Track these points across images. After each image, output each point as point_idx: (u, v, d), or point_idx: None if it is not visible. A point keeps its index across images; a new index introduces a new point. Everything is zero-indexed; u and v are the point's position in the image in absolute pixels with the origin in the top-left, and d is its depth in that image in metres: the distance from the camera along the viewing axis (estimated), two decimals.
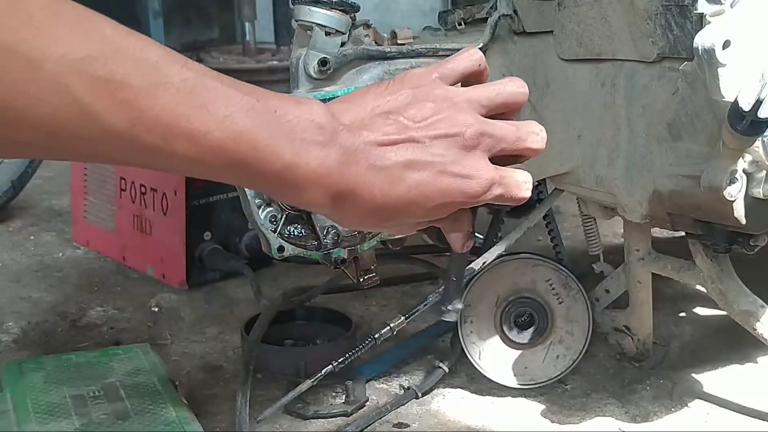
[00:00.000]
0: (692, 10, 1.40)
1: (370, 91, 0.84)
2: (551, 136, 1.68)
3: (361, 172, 0.77)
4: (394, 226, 0.85)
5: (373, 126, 0.79)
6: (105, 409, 1.59)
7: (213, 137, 0.70)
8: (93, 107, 0.65)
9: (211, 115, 0.70)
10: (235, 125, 0.71)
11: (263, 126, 0.73)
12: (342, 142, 0.77)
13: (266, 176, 0.74)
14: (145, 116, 0.67)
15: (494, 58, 1.60)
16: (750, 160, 1.39)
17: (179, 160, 0.70)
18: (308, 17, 1.44)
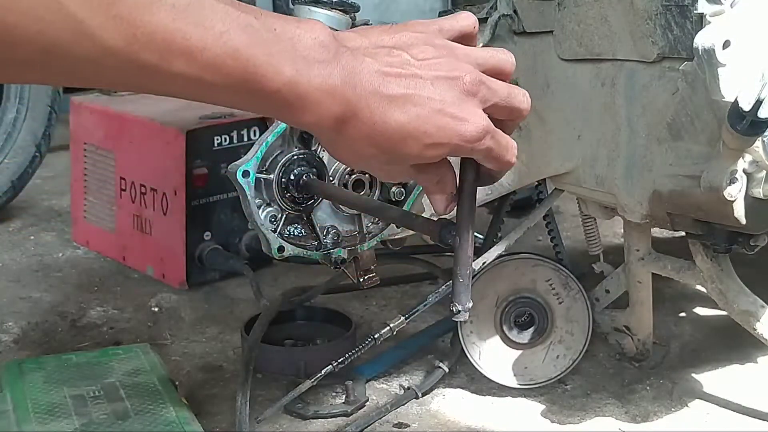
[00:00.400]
0: (692, 10, 1.40)
1: (374, 28, 0.85)
2: (551, 136, 1.69)
3: (364, 94, 0.76)
4: (387, 164, 0.84)
5: (378, 56, 0.79)
6: (105, 409, 1.59)
7: (210, 53, 0.69)
8: (87, 23, 0.63)
9: (207, 31, 0.68)
10: (232, 41, 0.70)
11: (262, 42, 0.72)
12: (345, 63, 0.76)
13: (267, 95, 0.73)
14: (141, 33, 0.65)
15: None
16: (750, 160, 1.39)
17: (178, 80, 0.69)
18: (308, 17, 1.44)
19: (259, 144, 1.36)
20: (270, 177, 1.37)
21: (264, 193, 1.37)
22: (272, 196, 1.38)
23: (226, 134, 2.32)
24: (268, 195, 1.38)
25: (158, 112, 2.43)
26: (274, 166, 1.37)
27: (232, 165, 1.35)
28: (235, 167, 1.34)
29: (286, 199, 1.39)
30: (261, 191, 1.37)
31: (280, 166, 1.37)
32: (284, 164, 1.38)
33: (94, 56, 0.65)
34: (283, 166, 1.37)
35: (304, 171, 1.39)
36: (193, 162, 2.29)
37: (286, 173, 1.38)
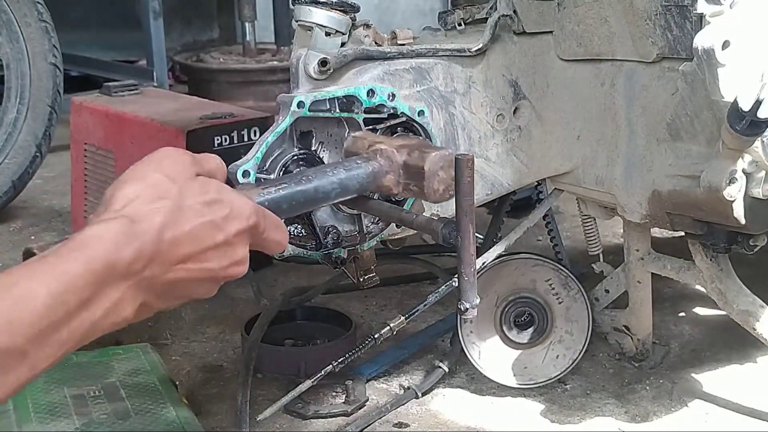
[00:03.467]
0: (692, 11, 1.40)
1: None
2: (551, 135, 1.69)
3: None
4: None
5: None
6: (105, 408, 1.59)
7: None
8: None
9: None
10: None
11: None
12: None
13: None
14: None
15: (494, 58, 1.60)
16: (749, 160, 1.39)
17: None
18: (308, 17, 1.44)
19: (259, 144, 1.36)
20: (270, 177, 1.37)
21: None
22: None
23: (226, 134, 2.32)
24: None
25: (158, 112, 2.43)
26: (275, 166, 1.37)
27: (233, 165, 1.35)
28: (236, 167, 1.34)
29: None
30: None
31: (281, 166, 1.37)
32: (284, 164, 1.38)
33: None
34: (283, 166, 1.38)
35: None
36: None
37: (287, 173, 1.38)
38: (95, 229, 0.89)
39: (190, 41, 4.94)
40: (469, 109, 1.58)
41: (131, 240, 0.89)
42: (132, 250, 0.89)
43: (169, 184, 0.96)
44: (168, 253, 0.93)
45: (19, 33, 2.84)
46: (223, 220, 0.98)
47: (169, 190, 0.95)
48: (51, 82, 2.90)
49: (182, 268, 0.94)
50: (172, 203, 0.94)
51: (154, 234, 0.91)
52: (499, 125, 1.62)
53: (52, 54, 2.90)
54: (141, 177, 0.96)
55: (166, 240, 0.92)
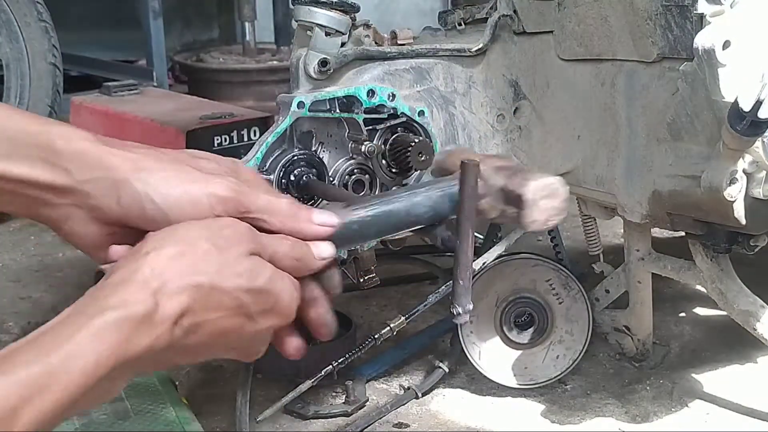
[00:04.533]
0: (692, 11, 1.40)
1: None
2: (551, 135, 1.69)
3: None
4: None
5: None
6: (105, 409, 1.59)
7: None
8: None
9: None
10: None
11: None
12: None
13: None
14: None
15: (495, 58, 1.60)
16: (750, 160, 1.39)
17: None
18: (308, 17, 1.44)
19: (259, 144, 1.36)
20: (270, 177, 1.37)
21: None
22: None
23: (226, 134, 2.32)
24: None
25: (158, 112, 2.43)
26: (275, 166, 1.37)
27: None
28: None
29: None
30: None
31: (281, 166, 1.37)
32: (284, 165, 1.38)
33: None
34: (284, 166, 1.38)
35: (305, 171, 1.39)
36: None
37: (287, 174, 1.38)
38: (113, 316, 0.79)
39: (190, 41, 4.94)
40: (469, 109, 1.58)
41: (149, 330, 0.80)
42: (146, 343, 0.80)
43: (214, 255, 0.84)
44: (184, 340, 0.83)
45: (19, 33, 2.85)
46: (261, 313, 0.88)
47: (210, 264, 0.84)
48: (51, 82, 2.90)
49: (190, 353, 0.86)
50: (208, 282, 0.83)
51: (173, 320, 0.82)
52: (500, 125, 1.62)
53: (52, 54, 2.90)
54: (184, 237, 0.85)
55: (186, 325, 0.83)
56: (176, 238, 0.85)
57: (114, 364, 0.78)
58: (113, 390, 0.82)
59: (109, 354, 0.78)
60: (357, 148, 1.42)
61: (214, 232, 0.86)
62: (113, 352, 0.78)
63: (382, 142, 1.45)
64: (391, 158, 1.44)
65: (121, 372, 0.80)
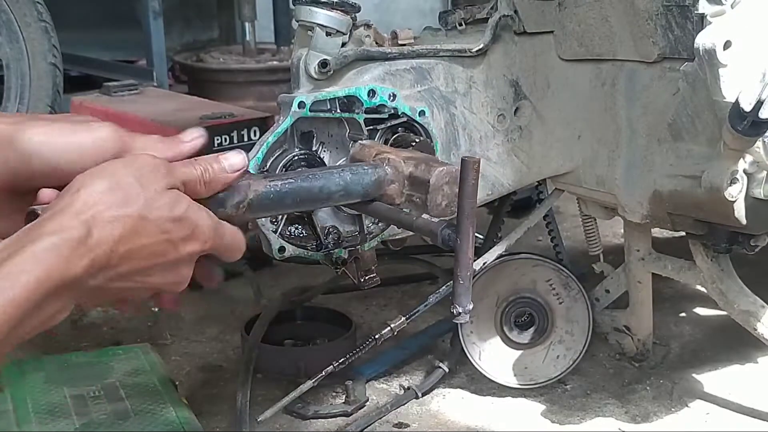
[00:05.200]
0: (693, 11, 1.40)
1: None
2: (551, 135, 1.69)
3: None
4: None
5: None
6: (105, 409, 1.59)
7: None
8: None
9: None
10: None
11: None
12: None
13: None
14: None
15: (495, 58, 1.60)
16: (751, 160, 1.39)
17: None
18: (309, 18, 1.44)
19: (259, 144, 1.36)
20: None
21: None
22: None
23: (226, 134, 2.32)
24: None
25: (158, 112, 2.43)
26: (276, 166, 1.37)
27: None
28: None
29: None
30: None
31: (281, 166, 1.37)
32: (285, 165, 1.37)
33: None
34: (284, 166, 1.37)
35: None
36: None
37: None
38: (51, 240, 0.86)
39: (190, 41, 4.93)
40: (470, 109, 1.58)
41: (85, 253, 0.88)
42: (84, 264, 0.88)
43: (138, 189, 0.94)
44: (117, 266, 0.92)
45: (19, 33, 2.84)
46: (182, 240, 0.97)
47: (137, 197, 0.93)
48: (51, 82, 2.90)
49: (126, 279, 0.94)
50: (136, 213, 0.93)
51: (108, 246, 0.90)
52: (500, 125, 1.62)
53: (52, 54, 2.90)
54: (111, 175, 0.94)
55: (119, 253, 0.91)
56: (103, 175, 0.94)
57: (55, 283, 0.86)
58: (57, 314, 0.89)
59: (49, 272, 0.85)
60: None
61: (136, 169, 0.96)
62: (53, 271, 0.85)
63: (382, 142, 1.45)
64: None
65: (62, 295, 0.87)
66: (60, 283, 0.86)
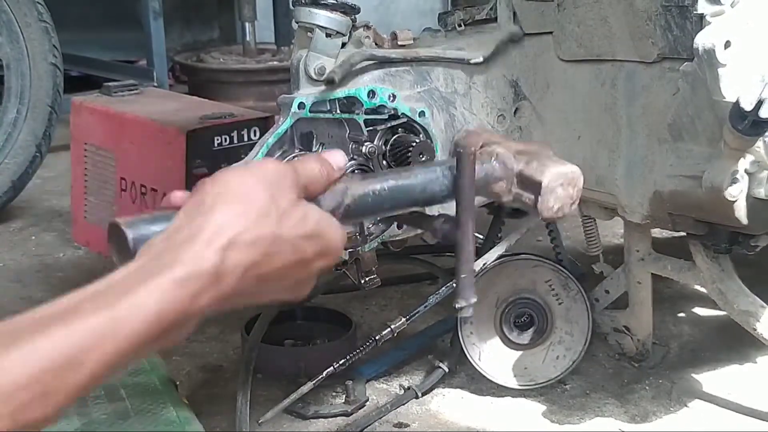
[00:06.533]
0: (692, 11, 1.40)
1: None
2: (551, 136, 1.69)
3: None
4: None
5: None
6: (105, 409, 1.59)
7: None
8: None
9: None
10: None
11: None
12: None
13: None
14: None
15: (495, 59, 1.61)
16: (751, 160, 1.39)
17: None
18: (309, 19, 1.44)
19: (260, 145, 1.36)
20: None
21: None
22: None
23: (226, 134, 2.32)
24: None
25: (158, 112, 2.43)
26: None
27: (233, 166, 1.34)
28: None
29: None
30: None
31: None
32: None
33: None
34: None
35: None
36: (194, 162, 2.29)
37: None
38: (181, 271, 0.81)
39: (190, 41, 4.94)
40: (469, 110, 1.58)
41: (214, 285, 0.82)
42: (210, 296, 0.82)
43: (270, 205, 0.88)
44: (246, 290, 0.87)
45: (19, 33, 2.84)
46: (314, 256, 0.92)
47: (270, 217, 0.87)
48: (51, 82, 2.90)
49: (249, 298, 0.89)
50: (271, 234, 0.87)
51: (240, 273, 0.84)
52: (500, 126, 1.62)
53: (52, 54, 2.90)
54: (245, 196, 0.87)
55: (250, 277, 0.86)
56: (236, 191, 0.88)
57: (178, 317, 0.80)
58: (176, 339, 0.83)
59: (173, 308, 0.80)
60: (358, 149, 1.43)
61: (265, 179, 0.90)
62: (177, 306, 0.80)
63: (382, 143, 1.45)
64: (392, 159, 1.45)
65: (185, 323, 0.82)
66: (183, 316, 0.81)
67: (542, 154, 1.17)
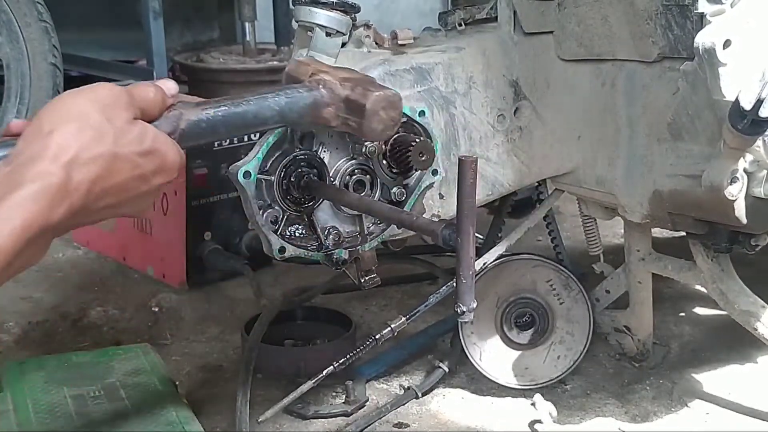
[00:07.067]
0: (692, 10, 1.40)
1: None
2: (551, 136, 1.69)
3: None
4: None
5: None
6: (105, 409, 1.59)
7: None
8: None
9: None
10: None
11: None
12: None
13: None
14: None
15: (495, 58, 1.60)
16: (751, 159, 1.39)
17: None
18: (309, 18, 1.44)
19: (260, 145, 1.36)
20: (271, 178, 1.36)
21: (265, 194, 1.37)
22: (273, 197, 1.38)
23: None
24: (270, 196, 1.37)
25: None
26: (276, 167, 1.37)
27: (233, 166, 1.35)
28: (236, 168, 1.34)
29: (287, 200, 1.38)
30: (262, 192, 1.37)
31: (281, 167, 1.37)
32: (285, 165, 1.37)
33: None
34: (284, 167, 1.37)
35: (305, 172, 1.39)
36: (193, 162, 2.29)
37: (287, 174, 1.38)
38: (32, 187, 0.89)
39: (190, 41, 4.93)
40: (469, 110, 1.58)
41: (65, 198, 0.91)
42: (64, 209, 0.91)
43: (107, 125, 0.96)
44: (94, 204, 0.96)
45: (19, 33, 2.84)
46: (153, 173, 1.00)
47: (107, 135, 0.96)
48: (51, 82, 2.90)
49: (99, 213, 0.98)
50: (109, 151, 0.95)
51: (86, 188, 0.93)
52: (500, 125, 1.62)
53: (52, 54, 2.90)
54: (80, 116, 0.96)
55: (95, 192, 0.95)
56: (71, 113, 0.96)
57: (38, 229, 0.89)
58: (39, 253, 0.93)
59: (33, 220, 0.89)
60: (358, 149, 1.42)
61: (99, 101, 0.98)
62: (36, 218, 0.89)
63: (382, 143, 1.45)
64: (392, 158, 1.44)
65: (44, 236, 0.92)
66: (41, 230, 0.90)
67: (366, 81, 1.27)
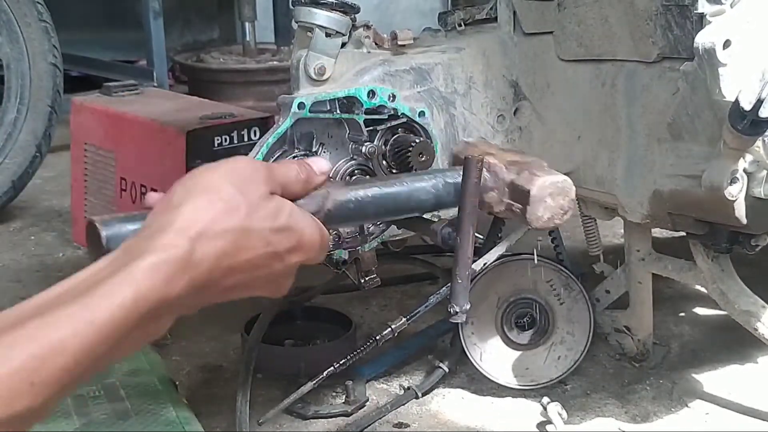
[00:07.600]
0: (692, 10, 1.40)
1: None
2: (551, 136, 1.69)
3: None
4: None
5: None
6: (105, 409, 1.59)
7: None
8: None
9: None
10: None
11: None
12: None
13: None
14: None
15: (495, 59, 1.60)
16: (751, 159, 1.39)
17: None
18: (309, 18, 1.44)
19: (260, 145, 1.36)
20: None
21: None
22: None
23: (226, 134, 2.32)
24: None
25: (158, 112, 2.42)
26: None
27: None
28: None
29: None
30: None
31: None
32: None
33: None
34: None
35: None
36: (194, 162, 2.29)
37: None
38: (152, 259, 0.82)
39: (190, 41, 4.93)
40: (469, 110, 1.58)
41: (186, 271, 0.84)
42: (185, 283, 0.83)
43: (239, 199, 0.89)
44: (221, 281, 0.88)
45: (19, 33, 2.84)
46: (287, 251, 0.93)
47: (239, 209, 0.89)
48: (51, 82, 2.90)
49: (226, 293, 0.90)
50: (240, 226, 0.88)
51: (210, 263, 0.86)
52: (500, 126, 1.62)
53: (52, 54, 2.90)
54: (212, 189, 0.89)
55: (222, 268, 0.87)
56: (203, 186, 0.90)
57: (155, 302, 0.81)
58: (157, 329, 0.84)
59: (147, 292, 0.80)
60: (357, 149, 1.42)
61: (235, 175, 0.91)
62: (151, 290, 0.81)
63: (382, 143, 1.45)
64: (392, 159, 1.44)
65: (162, 312, 0.83)
66: (158, 304, 0.81)
67: (534, 165, 1.16)
